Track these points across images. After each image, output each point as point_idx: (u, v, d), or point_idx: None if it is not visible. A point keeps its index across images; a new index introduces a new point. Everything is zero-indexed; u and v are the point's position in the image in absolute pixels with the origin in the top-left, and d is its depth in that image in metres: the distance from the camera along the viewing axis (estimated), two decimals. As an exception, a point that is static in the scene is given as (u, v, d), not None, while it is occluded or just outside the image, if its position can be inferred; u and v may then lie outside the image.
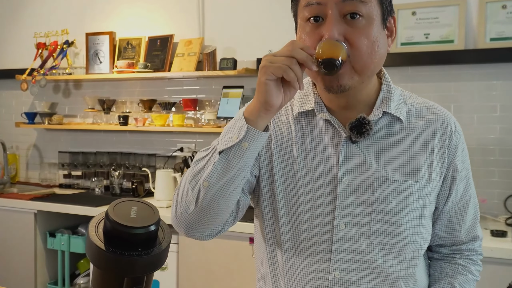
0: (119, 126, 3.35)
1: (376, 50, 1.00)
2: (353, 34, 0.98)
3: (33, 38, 3.75)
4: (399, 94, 1.13)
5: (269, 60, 0.94)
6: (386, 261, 1.06)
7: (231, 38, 3.21)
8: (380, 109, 1.08)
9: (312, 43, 1.00)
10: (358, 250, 1.05)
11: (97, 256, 0.85)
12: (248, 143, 0.97)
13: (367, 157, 1.07)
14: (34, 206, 3.09)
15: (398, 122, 1.09)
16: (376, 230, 1.05)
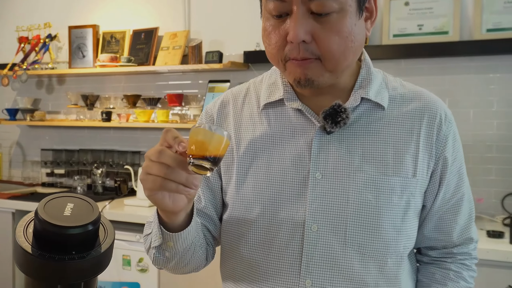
0: (103, 123, 3.23)
1: (351, 46, 0.88)
2: (322, 32, 0.86)
3: (15, 32, 3.62)
4: (381, 78, 1.01)
5: (144, 171, 0.81)
6: (364, 267, 0.93)
7: (218, 31, 3.09)
8: (358, 95, 0.96)
9: (277, 41, 0.89)
10: (332, 254, 0.93)
11: (24, 261, 0.73)
12: (174, 242, 0.91)
13: (342, 149, 0.95)
14: (12, 205, 2.97)
15: (379, 110, 0.97)
16: (352, 232, 0.92)
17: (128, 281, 2.60)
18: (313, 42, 0.87)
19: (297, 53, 0.88)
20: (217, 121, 1.06)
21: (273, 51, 0.91)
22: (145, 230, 1.01)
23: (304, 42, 0.87)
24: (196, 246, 0.97)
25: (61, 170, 3.52)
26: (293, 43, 0.87)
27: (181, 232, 0.90)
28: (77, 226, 0.71)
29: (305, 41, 0.86)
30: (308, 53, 0.87)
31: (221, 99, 1.09)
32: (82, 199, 0.77)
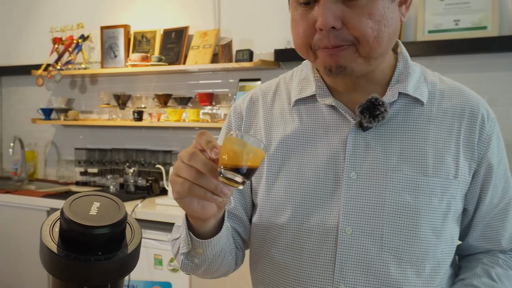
0: (134, 122, 3.25)
1: (384, 29, 0.83)
2: (353, 16, 0.82)
3: (49, 33, 3.69)
4: (419, 71, 0.96)
5: (174, 171, 0.78)
6: (401, 272, 0.88)
7: (248, 29, 3.07)
8: (396, 89, 0.91)
9: (305, 29, 0.85)
10: (367, 259, 0.88)
11: (49, 260, 0.72)
12: (203, 249, 0.88)
13: (379, 147, 0.90)
14: (47, 203, 3.02)
15: (417, 105, 0.92)
16: (389, 235, 0.88)
17: (159, 280, 2.60)
18: (344, 27, 0.83)
19: (328, 41, 0.84)
20: (246, 118, 1.03)
21: (301, 40, 0.88)
22: (172, 234, 0.99)
23: (334, 29, 0.83)
24: (226, 251, 0.94)
25: (94, 169, 3.56)
26: (322, 31, 0.83)
27: (211, 239, 0.87)
28: (103, 226, 0.69)
29: (335, 27, 0.82)
30: (339, 40, 0.83)
31: (250, 95, 1.05)
32: (109, 198, 0.75)
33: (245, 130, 1.02)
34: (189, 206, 0.79)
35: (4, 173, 4.13)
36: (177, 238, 0.94)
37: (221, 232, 0.87)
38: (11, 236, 3.20)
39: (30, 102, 3.97)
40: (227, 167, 0.74)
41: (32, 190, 3.39)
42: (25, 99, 4.02)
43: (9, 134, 4.04)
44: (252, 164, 0.74)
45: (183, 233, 0.89)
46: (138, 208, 2.71)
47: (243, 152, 0.73)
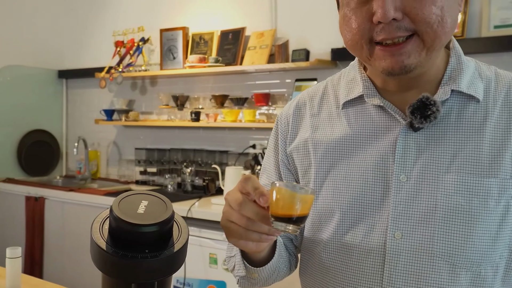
0: (192, 123, 3.30)
1: (447, 17, 0.80)
2: (415, 5, 0.78)
3: (112, 37, 3.81)
4: (473, 67, 0.90)
5: (225, 216, 0.80)
6: (454, 279, 0.83)
7: (304, 29, 3.04)
8: (448, 87, 0.86)
9: (360, 24, 0.82)
10: (417, 264, 0.84)
11: (98, 257, 0.74)
12: (258, 273, 0.91)
13: (430, 148, 0.85)
14: (108, 201, 3.12)
15: (472, 102, 0.87)
16: (441, 240, 0.83)
17: (214, 279, 2.62)
18: (405, 17, 0.79)
19: (387, 33, 0.80)
20: (292, 124, 1.01)
21: (355, 36, 0.84)
22: (227, 251, 1.00)
23: (395, 20, 0.79)
24: (280, 267, 0.96)
25: (153, 168, 3.64)
26: (381, 24, 0.80)
27: (265, 266, 0.90)
28: (150, 224, 0.70)
29: (396, 18, 0.79)
30: (401, 31, 0.80)
31: (296, 101, 1.04)
32: (157, 197, 0.76)
33: (292, 136, 1.00)
34: (244, 247, 0.82)
35: (69, 171, 4.32)
36: (232, 256, 0.96)
37: (274, 257, 0.90)
38: (75, 232, 3.34)
39: (94, 103, 4.13)
40: (278, 218, 0.75)
41: (95, 189, 3.51)
42: (89, 100, 4.18)
43: (74, 135, 4.22)
44: (302, 212, 0.75)
45: (237, 258, 0.92)
46: (194, 207, 2.75)
47: (292, 203, 0.75)
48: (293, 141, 1.00)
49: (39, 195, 3.49)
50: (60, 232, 3.42)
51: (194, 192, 3.23)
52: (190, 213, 2.68)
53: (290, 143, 1.00)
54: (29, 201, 3.54)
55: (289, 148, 0.99)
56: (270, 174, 1.03)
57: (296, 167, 0.99)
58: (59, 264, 3.43)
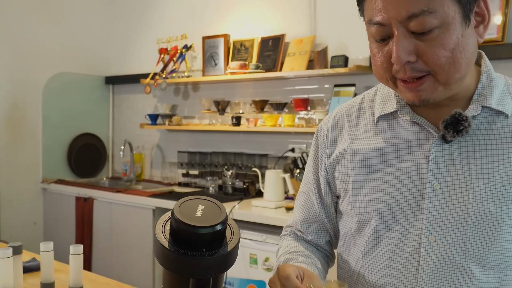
0: (233, 127, 3.40)
1: (460, 56, 0.85)
2: (426, 48, 0.85)
3: (156, 44, 3.97)
4: (503, 84, 0.96)
5: None
6: (484, 279, 0.90)
7: (343, 35, 3.10)
8: (479, 103, 0.93)
9: (383, 62, 0.90)
10: (450, 265, 0.91)
11: (161, 254, 0.83)
12: None
13: (462, 159, 0.92)
14: (153, 202, 3.26)
15: (501, 117, 0.93)
16: (472, 243, 0.90)
17: (254, 279, 2.71)
18: (419, 60, 0.86)
19: (404, 73, 0.88)
20: (331, 137, 1.09)
21: (380, 71, 0.93)
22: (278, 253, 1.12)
23: (409, 62, 0.86)
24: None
25: (195, 171, 3.77)
26: (397, 65, 0.88)
27: None
28: (207, 226, 0.79)
29: (410, 61, 0.86)
30: (415, 72, 0.87)
31: (334, 114, 1.12)
32: (212, 202, 0.85)
33: (331, 148, 1.08)
34: None
35: (115, 173, 4.50)
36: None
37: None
38: (122, 232, 3.50)
39: (139, 108, 4.30)
40: None
41: (140, 190, 3.66)
42: (134, 105, 4.35)
43: (120, 138, 4.40)
44: None
45: None
46: (235, 209, 2.84)
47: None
48: (333, 152, 1.08)
49: (88, 196, 3.67)
50: (108, 231, 3.59)
51: (235, 194, 3.33)
52: (231, 214, 2.78)
53: (330, 155, 1.08)
54: (79, 202, 3.73)
55: (329, 161, 1.08)
56: (308, 183, 1.12)
57: (335, 177, 1.07)
58: (107, 261, 3.60)
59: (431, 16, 0.83)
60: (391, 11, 0.85)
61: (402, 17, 0.84)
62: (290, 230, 1.17)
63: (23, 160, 3.99)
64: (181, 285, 0.85)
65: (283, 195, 2.95)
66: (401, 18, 0.84)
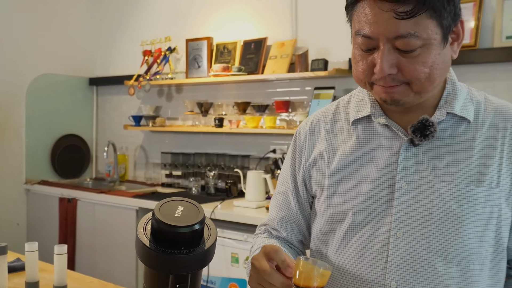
0: (216, 128, 3.46)
1: (435, 72, 0.94)
2: (407, 64, 0.93)
3: (140, 46, 4.00)
4: (466, 92, 1.05)
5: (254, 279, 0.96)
6: (447, 272, 0.98)
7: (323, 39, 3.17)
8: (444, 110, 1.01)
9: (365, 69, 0.97)
10: (416, 259, 0.98)
11: (142, 253, 0.88)
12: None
13: (428, 161, 1.00)
14: (136, 203, 3.30)
15: (464, 123, 1.02)
16: (436, 239, 0.98)
17: (236, 277, 2.77)
18: (399, 72, 0.94)
19: (384, 83, 0.96)
20: (309, 139, 1.16)
21: (360, 76, 0.99)
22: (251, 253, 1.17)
23: (390, 74, 0.94)
24: None
25: (178, 172, 3.81)
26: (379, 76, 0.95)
27: None
28: (185, 226, 0.85)
29: (391, 73, 0.93)
30: (395, 82, 0.95)
31: (312, 118, 1.19)
32: (190, 203, 0.91)
33: (309, 149, 1.15)
34: None
35: (98, 174, 4.52)
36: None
37: None
38: (105, 232, 3.53)
39: (122, 109, 4.33)
40: (300, 287, 0.91)
41: (123, 191, 3.70)
42: (118, 107, 4.38)
43: (104, 139, 4.43)
44: (320, 285, 0.91)
45: None
46: (217, 209, 2.90)
47: (313, 275, 0.90)
48: (311, 155, 1.14)
49: (72, 197, 3.70)
50: (91, 231, 3.62)
51: (217, 194, 3.39)
52: (213, 214, 2.83)
53: (308, 158, 1.14)
54: (63, 202, 3.75)
55: (307, 163, 1.14)
56: (286, 183, 1.18)
57: (311, 178, 1.14)
58: (91, 262, 3.62)
59: (416, 39, 0.90)
60: (380, 28, 0.91)
61: (390, 36, 0.91)
62: (265, 228, 1.23)
63: (6, 161, 3.99)
64: (161, 282, 0.90)
65: (264, 195, 3.02)
66: (389, 36, 0.91)
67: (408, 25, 0.89)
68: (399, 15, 0.89)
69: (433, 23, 0.91)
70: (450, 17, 0.93)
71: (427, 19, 0.90)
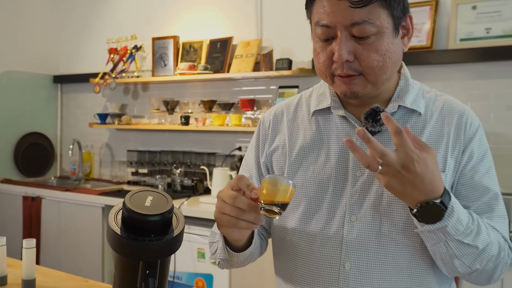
0: (182, 126, 3.49)
1: (388, 61, 1.03)
2: (363, 52, 1.01)
3: (106, 44, 3.99)
4: (418, 88, 1.14)
5: (218, 210, 1.00)
6: (397, 252, 1.06)
7: (288, 39, 3.25)
8: (396, 103, 1.10)
9: (325, 60, 1.05)
10: (368, 242, 1.06)
11: (114, 241, 0.93)
12: (237, 257, 1.12)
13: None
14: (102, 200, 3.31)
15: (415, 115, 1.11)
16: (386, 223, 1.06)
17: (202, 272, 2.82)
18: (355, 60, 1.02)
19: (342, 70, 1.04)
20: (272, 128, 1.22)
21: (321, 68, 1.08)
22: (210, 237, 1.22)
23: (348, 61, 1.02)
24: (254, 252, 1.17)
25: (145, 169, 3.83)
26: (338, 62, 1.03)
27: (244, 252, 1.11)
28: (155, 214, 0.90)
29: (348, 60, 1.02)
30: (351, 70, 1.03)
31: (275, 109, 1.26)
32: (160, 193, 0.96)
33: (272, 137, 1.22)
34: (231, 235, 1.04)
35: (63, 173, 4.49)
36: (215, 241, 1.18)
37: (252, 245, 1.12)
38: (71, 230, 3.52)
39: (88, 107, 4.31)
40: (267, 203, 0.96)
41: (89, 189, 3.69)
42: (83, 104, 4.36)
43: (69, 137, 4.39)
44: (285, 200, 0.97)
45: (220, 244, 1.13)
46: (183, 205, 2.94)
47: (278, 191, 0.96)
48: (273, 142, 1.21)
49: (36, 195, 3.67)
50: (56, 229, 3.60)
51: (184, 191, 3.43)
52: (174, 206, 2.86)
53: (271, 145, 1.21)
54: (27, 201, 3.71)
55: (270, 149, 1.21)
56: (250, 168, 1.25)
57: (273, 163, 1.20)
58: (56, 259, 3.60)
59: (370, 25, 0.99)
60: (338, 17, 1.00)
61: (346, 23, 1.00)
62: None
63: (-33, 159, 3.92)
64: (132, 268, 0.95)
65: (231, 191, 3.07)
66: (345, 24, 1.00)
67: (363, 13, 0.99)
68: (354, 4, 0.98)
69: (385, 12, 1.01)
70: (399, 8, 1.03)
71: (379, 7, 1.00)
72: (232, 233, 1.03)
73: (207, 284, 2.80)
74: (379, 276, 1.05)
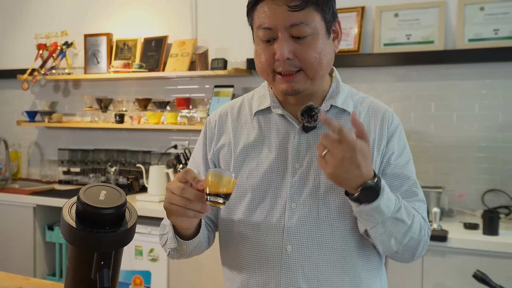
0: (116, 124, 3.47)
1: (323, 58, 1.16)
2: (302, 50, 1.14)
3: (34, 39, 3.88)
4: (347, 91, 1.28)
5: (167, 201, 1.09)
6: (333, 235, 1.17)
7: (223, 39, 3.33)
8: (329, 102, 1.23)
9: (267, 59, 1.16)
10: (307, 226, 1.18)
11: (69, 233, 0.98)
12: (186, 246, 1.20)
13: (316, 144, 1.20)
14: (34, 200, 3.23)
15: (345, 114, 1.24)
16: (323, 209, 1.18)
17: (140, 269, 2.84)
18: (295, 58, 1.14)
19: (283, 67, 1.15)
20: (217, 128, 1.32)
21: (264, 67, 1.18)
22: (160, 229, 1.29)
23: (288, 59, 1.14)
24: (202, 241, 1.25)
25: (77, 168, 3.77)
26: (280, 60, 1.14)
27: (192, 240, 1.20)
28: (109, 208, 0.96)
29: (289, 58, 1.13)
30: (292, 67, 1.15)
31: (220, 110, 1.36)
32: (113, 188, 1.02)
33: (218, 137, 1.32)
34: (180, 223, 1.12)
35: (-12, 172, 4.30)
36: (165, 233, 1.25)
37: (199, 233, 1.20)
38: (1, 231, 3.40)
39: (15, 104, 4.16)
40: (211, 194, 1.06)
41: (18, 188, 3.58)
42: (10, 101, 4.20)
43: (-6, 135, 4.22)
44: (228, 190, 1.08)
45: (170, 234, 1.20)
46: (120, 204, 2.93)
47: (222, 182, 1.06)
48: (219, 140, 1.31)
49: (-40, 196, 3.51)
50: (-17, 232, 3.46)
51: (119, 190, 3.41)
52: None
53: (217, 143, 1.31)
54: (-51, 202, 3.53)
55: (217, 147, 1.31)
56: (198, 164, 1.34)
57: (219, 160, 1.30)
58: (-18, 264, 3.47)
59: (307, 27, 1.12)
60: (278, 20, 1.12)
61: (286, 25, 1.12)
62: None
63: None
64: (87, 260, 1.00)
65: (167, 189, 3.10)
66: (285, 25, 1.12)
67: (300, 16, 1.11)
68: (292, 8, 1.11)
69: (318, 16, 1.14)
70: (330, 13, 1.17)
71: (313, 11, 1.13)
72: (180, 222, 1.11)
73: (145, 281, 2.82)
74: (318, 257, 1.17)
